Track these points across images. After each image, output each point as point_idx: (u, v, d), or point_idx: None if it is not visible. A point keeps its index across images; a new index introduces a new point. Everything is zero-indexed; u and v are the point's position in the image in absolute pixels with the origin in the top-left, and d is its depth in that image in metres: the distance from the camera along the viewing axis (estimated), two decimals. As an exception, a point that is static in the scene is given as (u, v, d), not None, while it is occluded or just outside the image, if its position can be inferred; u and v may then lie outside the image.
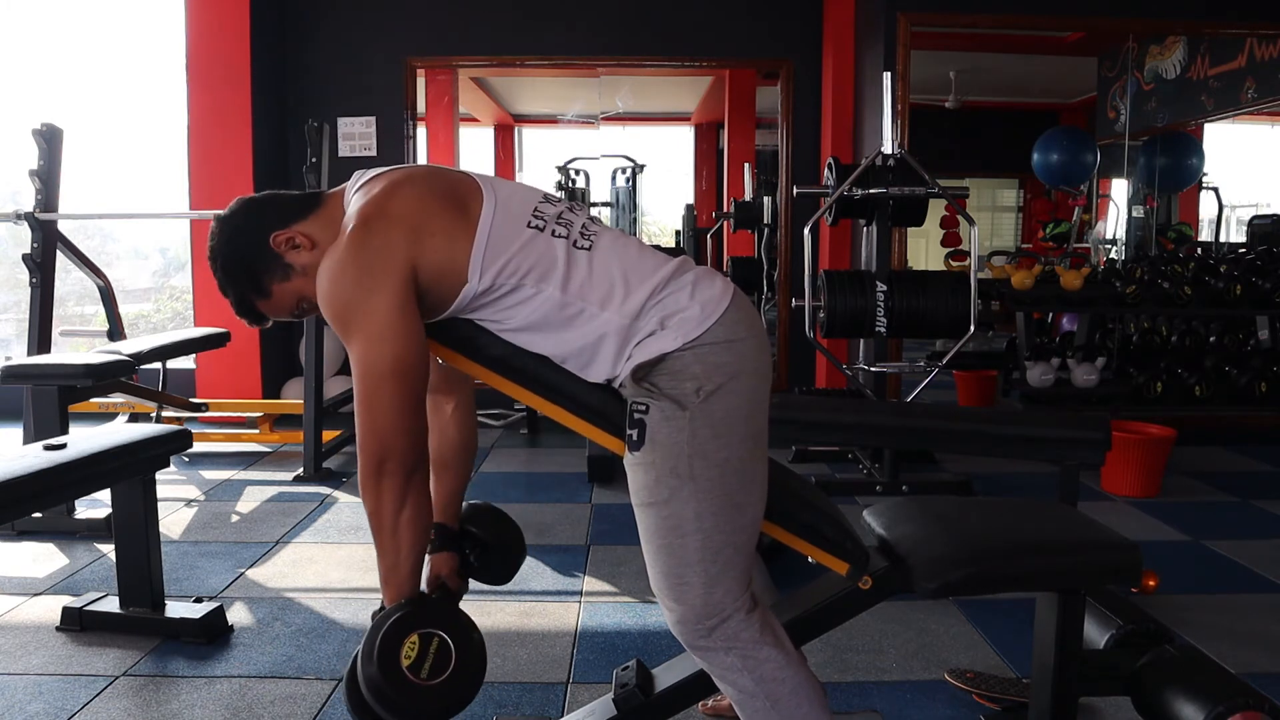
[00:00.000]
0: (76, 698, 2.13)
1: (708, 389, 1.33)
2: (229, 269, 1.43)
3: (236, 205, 1.47)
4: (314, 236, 1.41)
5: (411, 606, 1.33)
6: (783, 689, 1.40)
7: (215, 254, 1.44)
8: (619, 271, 1.37)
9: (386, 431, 1.29)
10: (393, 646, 1.27)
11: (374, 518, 1.33)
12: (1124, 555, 1.63)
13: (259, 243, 1.41)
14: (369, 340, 1.28)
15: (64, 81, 8.01)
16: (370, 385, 1.29)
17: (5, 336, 6.90)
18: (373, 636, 1.29)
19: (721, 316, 1.35)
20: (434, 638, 1.30)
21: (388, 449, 1.30)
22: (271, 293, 1.43)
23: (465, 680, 1.31)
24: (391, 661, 1.26)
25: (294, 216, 1.42)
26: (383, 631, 1.28)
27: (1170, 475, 4.00)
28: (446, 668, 1.29)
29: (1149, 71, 5.92)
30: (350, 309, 1.29)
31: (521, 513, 3.67)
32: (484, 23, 5.32)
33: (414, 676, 1.27)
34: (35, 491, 2.03)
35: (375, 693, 1.26)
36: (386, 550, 1.34)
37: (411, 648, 1.28)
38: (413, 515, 1.33)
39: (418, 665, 1.27)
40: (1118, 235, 6.27)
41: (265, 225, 1.41)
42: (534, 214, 1.39)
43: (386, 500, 1.31)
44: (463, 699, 1.31)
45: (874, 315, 3.91)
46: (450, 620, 1.34)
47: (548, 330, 1.38)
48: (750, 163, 6.91)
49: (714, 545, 1.35)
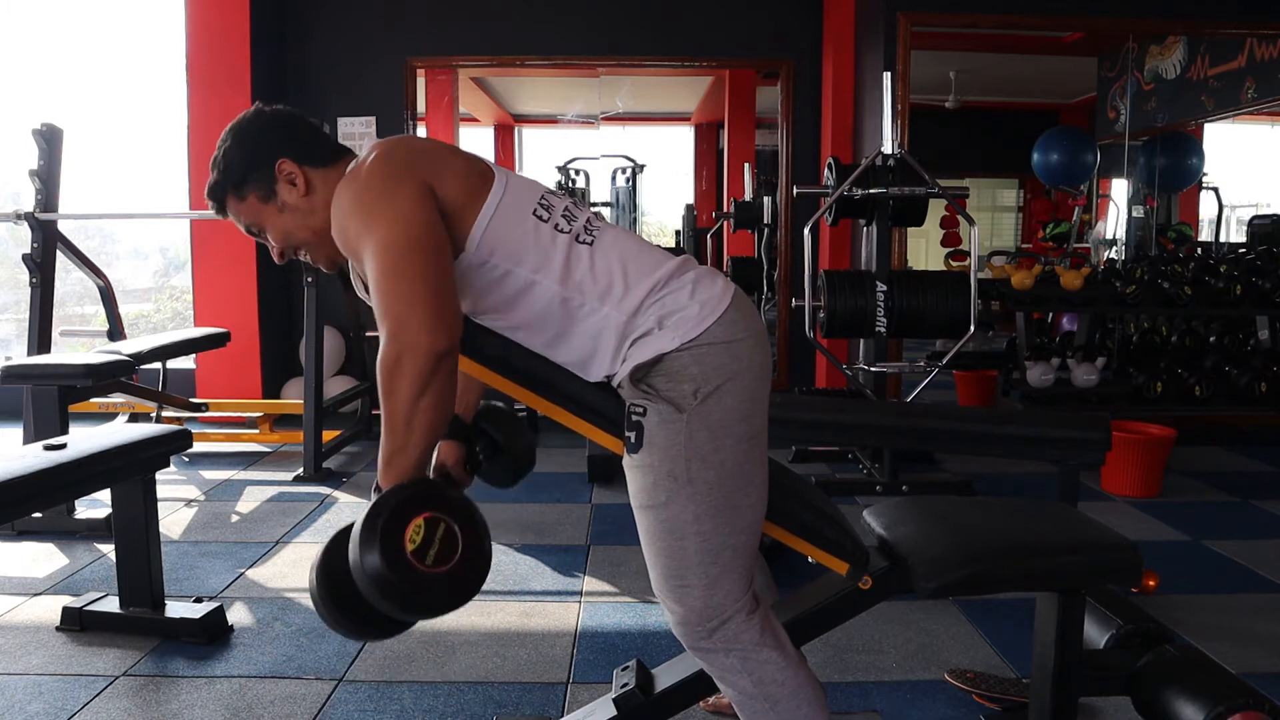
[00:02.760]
0: (76, 698, 2.13)
1: (705, 390, 1.33)
2: (230, 154, 1.42)
3: (280, 110, 1.46)
4: (314, 185, 1.41)
5: (416, 488, 1.21)
6: (782, 691, 1.40)
7: (229, 134, 1.43)
8: (619, 267, 1.37)
9: (412, 304, 1.19)
10: (397, 529, 1.15)
11: (388, 399, 1.21)
12: (1124, 555, 1.63)
13: (267, 154, 1.40)
14: (392, 221, 1.24)
15: (64, 81, 8.01)
16: (394, 258, 1.22)
17: (5, 336, 6.90)
18: (373, 517, 1.16)
19: (721, 316, 1.35)
20: (440, 522, 1.18)
21: (414, 325, 1.19)
22: (245, 198, 1.42)
23: (473, 571, 1.20)
24: (396, 545, 1.14)
25: (311, 158, 1.42)
26: (387, 511, 1.16)
27: (1170, 475, 4.00)
28: (453, 555, 1.18)
29: (1149, 71, 5.92)
30: (370, 202, 1.27)
31: (521, 513, 3.70)
32: (484, 23, 5.32)
33: (419, 563, 1.15)
34: (35, 491, 2.04)
35: (376, 580, 1.14)
36: (396, 434, 1.22)
37: (417, 531, 1.16)
38: (433, 402, 1.21)
39: (423, 551, 1.15)
40: (1118, 235, 6.27)
41: (285, 145, 1.41)
42: (539, 204, 1.38)
43: (405, 381, 1.19)
44: (469, 590, 1.21)
45: (874, 315, 3.91)
46: (458, 505, 1.23)
47: (548, 326, 1.38)
48: (750, 163, 6.91)
49: (713, 547, 1.35)
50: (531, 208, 1.37)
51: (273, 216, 1.42)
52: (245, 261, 5.01)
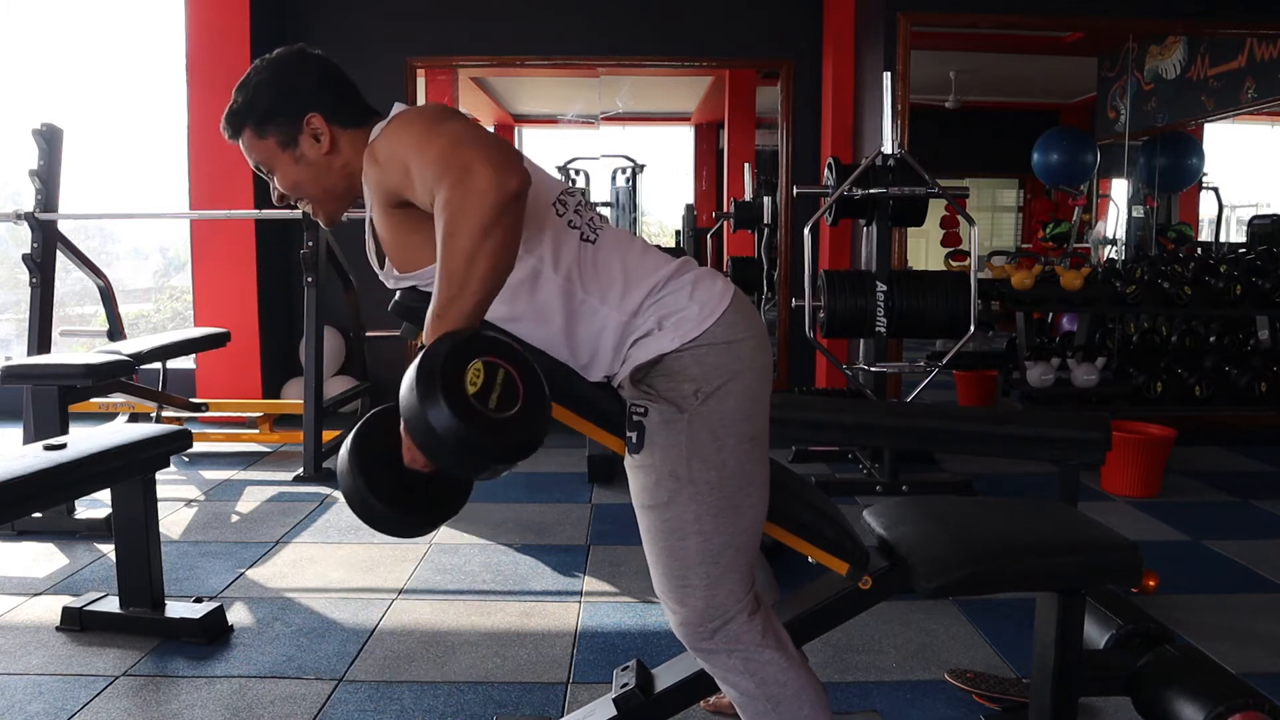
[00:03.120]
0: (76, 698, 2.13)
1: (706, 391, 1.33)
2: (261, 87, 1.38)
3: (324, 61, 1.43)
4: (338, 144, 1.39)
5: (470, 333, 1.13)
6: (785, 691, 1.40)
7: (267, 66, 1.40)
8: (620, 268, 1.37)
9: (479, 152, 1.14)
10: (457, 372, 1.07)
11: (449, 241, 1.12)
12: (1124, 555, 1.63)
13: (300, 104, 1.37)
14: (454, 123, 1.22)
15: (64, 81, 8.02)
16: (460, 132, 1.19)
17: (5, 336, 6.90)
18: (429, 361, 1.07)
19: (720, 317, 1.35)
20: (499, 368, 1.10)
21: (483, 167, 1.12)
22: (264, 136, 1.39)
23: (537, 416, 1.13)
24: (458, 389, 1.06)
25: (340, 117, 1.40)
26: (444, 354, 1.07)
27: (1170, 475, 4.00)
28: (515, 402, 1.11)
29: (1149, 71, 5.92)
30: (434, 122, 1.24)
31: (521, 513, 3.70)
32: (484, 23, 5.32)
33: (482, 407, 1.07)
34: (35, 491, 2.04)
35: (441, 428, 1.05)
36: (453, 280, 1.12)
37: (476, 375, 1.08)
38: (498, 247, 1.12)
39: (484, 396, 1.08)
40: (1118, 235, 6.27)
41: (318, 100, 1.38)
42: (559, 199, 1.39)
43: (471, 218, 1.10)
44: (535, 437, 1.14)
45: (874, 315, 3.91)
46: (513, 350, 1.16)
47: (549, 319, 1.37)
48: (750, 163, 6.91)
49: (715, 547, 1.35)
50: (551, 200, 1.37)
51: (287, 164, 1.40)
52: (245, 261, 5.01)
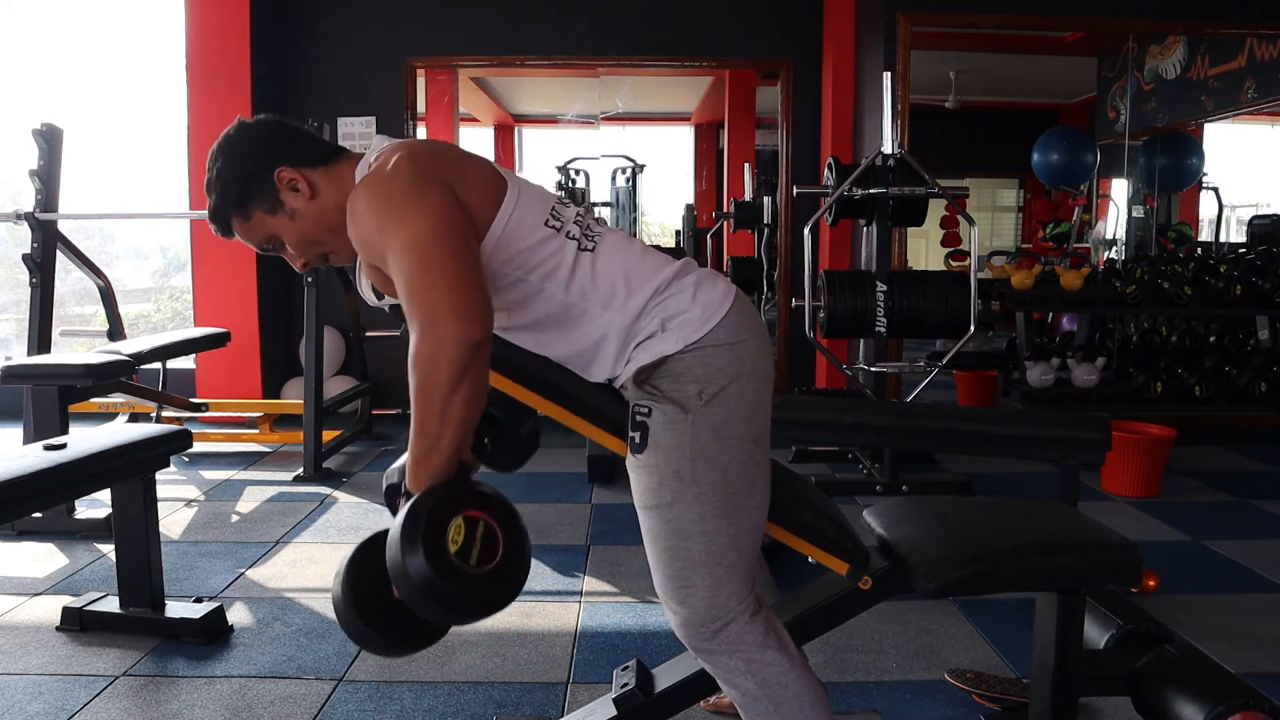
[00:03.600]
0: (76, 698, 2.13)
1: (709, 392, 1.33)
2: (224, 175, 1.38)
3: (264, 119, 1.43)
4: (317, 187, 1.38)
5: (454, 487, 1.18)
6: (786, 693, 1.40)
7: (218, 154, 1.40)
8: (621, 272, 1.37)
9: (447, 296, 1.16)
10: (439, 531, 1.11)
11: (422, 393, 1.18)
12: (1124, 555, 1.63)
13: (263, 167, 1.37)
14: (422, 217, 1.22)
15: (64, 81, 8.02)
16: (427, 252, 1.19)
17: (5, 336, 6.90)
18: (413, 521, 1.12)
19: (723, 319, 1.36)
20: (479, 522, 1.15)
21: (449, 317, 1.16)
22: (251, 217, 1.39)
23: (516, 567, 1.18)
24: (439, 548, 1.11)
25: (307, 160, 1.39)
26: (426, 514, 1.12)
27: (1170, 475, 4.00)
28: (495, 554, 1.16)
29: (1149, 71, 5.92)
30: (399, 200, 1.24)
31: (521, 513, 3.67)
32: (484, 23, 5.32)
33: (464, 564, 1.12)
34: (35, 491, 2.04)
35: (423, 586, 1.10)
36: (429, 430, 1.19)
37: (458, 531, 1.13)
38: (469, 395, 1.18)
39: (465, 552, 1.13)
40: (1118, 235, 6.27)
41: (278, 154, 1.38)
42: (551, 214, 1.38)
43: (442, 373, 1.16)
44: (514, 588, 1.19)
45: (874, 315, 3.91)
46: (493, 501, 1.21)
47: (550, 330, 1.38)
48: (750, 163, 6.91)
49: (717, 548, 1.35)
50: (544, 218, 1.37)
51: (285, 226, 1.40)
52: (245, 261, 5.00)
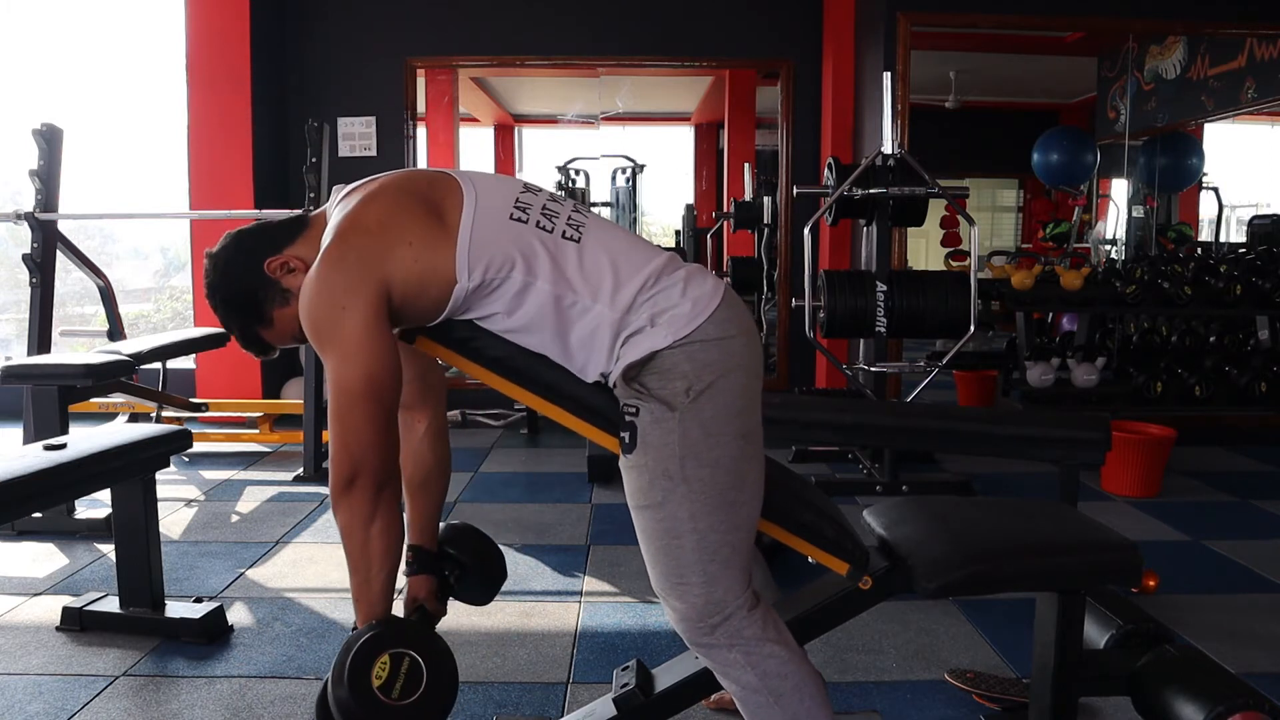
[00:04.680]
0: (76, 698, 2.13)
1: (697, 388, 1.33)
2: (229, 301, 1.45)
3: (227, 239, 1.48)
4: (306, 259, 1.41)
5: (383, 627, 1.33)
6: (785, 685, 1.40)
7: (213, 289, 1.45)
8: (608, 263, 1.36)
9: (357, 447, 1.29)
10: (364, 667, 1.27)
11: (345, 533, 1.33)
12: (1124, 555, 1.63)
13: (254, 271, 1.42)
14: (341, 359, 1.29)
15: (64, 81, 8.02)
16: (343, 403, 1.29)
17: (5, 336, 6.90)
18: (343, 657, 1.29)
19: (712, 314, 1.35)
20: (405, 658, 1.30)
21: (358, 464, 1.29)
22: (273, 320, 1.45)
23: (436, 701, 1.32)
24: (362, 682, 1.27)
25: (284, 241, 1.44)
26: (353, 652, 1.28)
27: (1170, 475, 4.00)
28: (418, 688, 1.30)
29: (1149, 71, 5.92)
30: (323, 327, 1.30)
31: (521, 513, 3.70)
32: (484, 23, 5.32)
33: (385, 697, 1.27)
34: (35, 491, 2.04)
35: (345, 714, 1.27)
36: (358, 567, 1.33)
37: (383, 668, 1.28)
38: (383, 528, 1.32)
39: (388, 686, 1.28)
40: (1118, 235, 6.27)
41: (258, 253, 1.43)
42: (516, 205, 1.38)
43: (357, 514, 1.31)
44: (435, 717, 1.32)
45: (874, 315, 3.91)
46: (422, 640, 1.35)
47: (545, 327, 1.38)
48: (750, 163, 6.91)
49: (710, 545, 1.35)
50: (507, 213, 1.37)
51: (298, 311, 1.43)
52: (245, 261, 5.00)
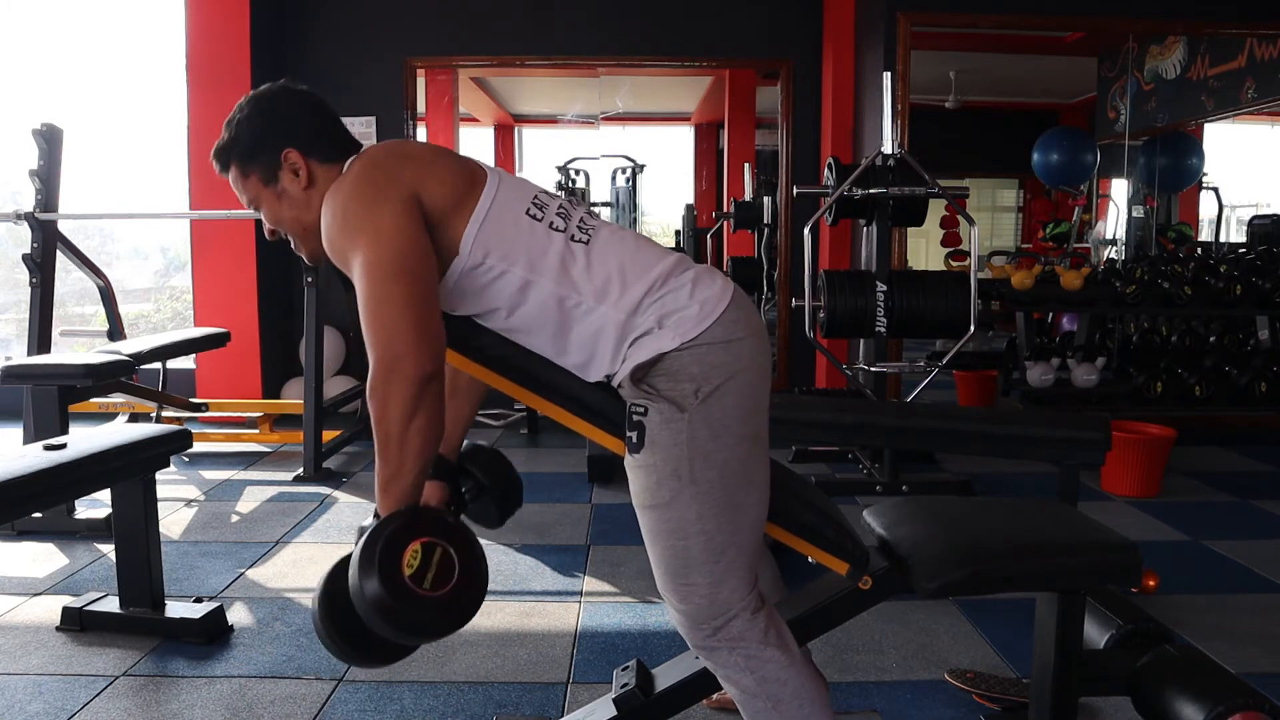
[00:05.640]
0: (76, 698, 2.13)
1: (706, 390, 1.33)
2: (243, 126, 1.42)
3: (304, 96, 1.46)
4: (315, 179, 1.41)
5: (413, 514, 1.24)
6: (784, 690, 1.40)
7: (249, 104, 1.44)
8: (616, 266, 1.37)
9: (395, 331, 1.23)
10: (394, 555, 1.18)
11: (380, 425, 1.24)
12: (1124, 555, 1.63)
13: (277, 141, 1.40)
14: (374, 241, 1.26)
15: (64, 81, 8.02)
16: (378, 283, 1.24)
17: (5, 336, 6.90)
18: (371, 544, 1.18)
19: (720, 316, 1.35)
20: (437, 547, 1.21)
21: (397, 351, 1.22)
22: (247, 175, 1.43)
23: (470, 593, 1.23)
24: (393, 571, 1.17)
25: (320, 152, 1.42)
26: (384, 538, 1.18)
27: (1170, 475, 4.00)
28: (450, 579, 1.21)
29: (1149, 71, 5.92)
30: (354, 217, 1.28)
31: (521, 513, 3.66)
32: (484, 23, 5.32)
33: (417, 587, 1.18)
34: (35, 491, 2.04)
35: (376, 605, 1.16)
36: (390, 459, 1.26)
37: (414, 556, 1.19)
38: (424, 425, 1.24)
39: (420, 575, 1.19)
40: (1118, 235, 6.27)
41: (296, 135, 1.41)
42: (533, 203, 1.39)
43: (395, 405, 1.23)
44: (466, 613, 1.24)
45: (874, 315, 3.91)
46: (455, 530, 1.26)
47: (546, 325, 1.38)
48: (750, 163, 6.91)
49: (717, 546, 1.35)
50: (524, 208, 1.37)
51: (270, 200, 1.43)
52: (245, 261, 5.01)
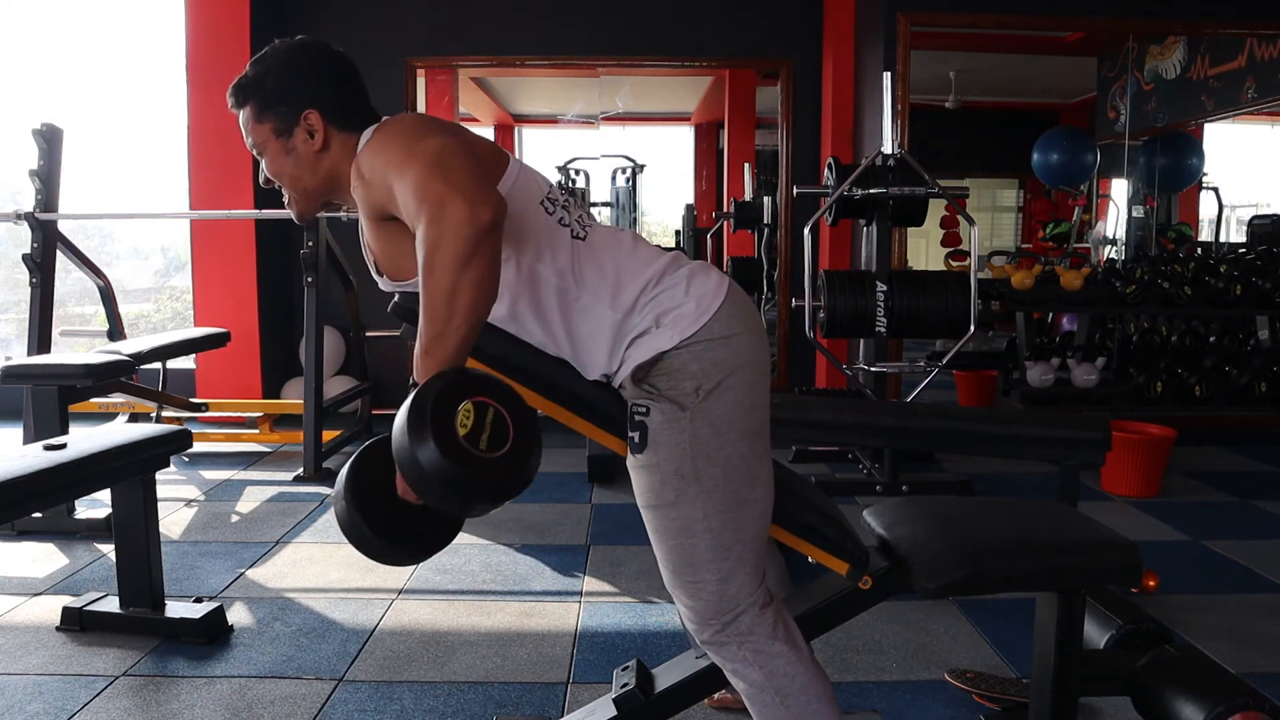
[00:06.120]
0: (76, 698, 2.13)
1: (706, 387, 1.34)
2: (267, 73, 1.40)
3: (338, 59, 1.44)
4: (330, 144, 1.40)
5: (463, 373, 1.15)
6: (792, 685, 1.41)
7: (280, 52, 1.42)
8: (611, 265, 1.38)
9: (454, 181, 1.15)
10: (448, 413, 1.09)
11: (428, 277, 1.14)
12: (1124, 555, 1.63)
13: (300, 98, 1.39)
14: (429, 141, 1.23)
15: (64, 81, 8.02)
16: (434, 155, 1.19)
17: (5, 336, 6.90)
18: (419, 404, 1.09)
19: (717, 312, 1.36)
20: (489, 407, 1.13)
21: (457, 199, 1.13)
22: (262, 121, 1.40)
23: (526, 454, 1.16)
24: (449, 431, 1.08)
25: (339, 117, 1.40)
26: (435, 395, 1.10)
27: (1170, 475, 4.00)
28: (505, 441, 1.13)
29: (1149, 71, 5.92)
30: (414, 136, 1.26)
31: (521, 513, 3.70)
32: (484, 23, 5.32)
33: (472, 447, 1.10)
34: (35, 491, 2.04)
35: (432, 470, 1.07)
36: (437, 315, 1.15)
37: (467, 415, 1.11)
38: (479, 277, 1.13)
39: (475, 436, 1.10)
40: (1118, 235, 6.27)
41: (321, 96, 1.39)
42: (548, 197, 1.40)
43: (448, 252, 1.12)
44: (525, 476, 1.17)
45: (874, 315, 3.91)
46: (504, 389, 1.18)
47: (546, 318, 1.38)
48: (750, 163, 6.91)
49: (724, 543, 1.36)
50: (539, 197, 1.39)
51: (277, 151, 1.41)
52: (245, 261, 5.00)
